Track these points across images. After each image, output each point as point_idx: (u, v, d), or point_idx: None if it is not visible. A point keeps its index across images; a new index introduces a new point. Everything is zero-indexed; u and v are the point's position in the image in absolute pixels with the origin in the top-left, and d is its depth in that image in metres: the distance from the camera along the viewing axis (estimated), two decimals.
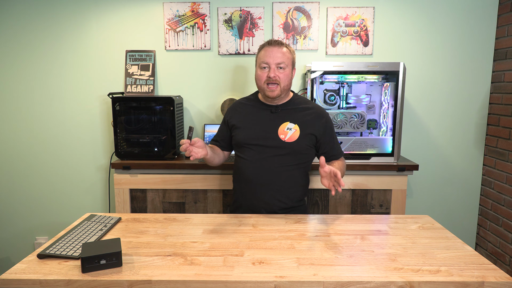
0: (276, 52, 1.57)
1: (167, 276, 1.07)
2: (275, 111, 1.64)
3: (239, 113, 1.71)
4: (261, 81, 1.60)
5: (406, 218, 1.54)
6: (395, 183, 2.16)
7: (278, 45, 1.59)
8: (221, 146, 1.78)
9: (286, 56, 1.59)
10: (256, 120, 1.65)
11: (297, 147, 1.59)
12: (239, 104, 1.76)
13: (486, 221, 2.49)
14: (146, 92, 2.42)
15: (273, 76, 1.56)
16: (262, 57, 1.59)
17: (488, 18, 2.36)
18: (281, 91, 1.59)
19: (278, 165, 1.60)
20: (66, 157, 2.55)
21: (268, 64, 1.57)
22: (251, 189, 1.63)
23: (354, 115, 2.17)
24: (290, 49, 1.63)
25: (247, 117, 1.68)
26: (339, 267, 1.12)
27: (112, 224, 1.44)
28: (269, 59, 1.57)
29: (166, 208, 2.23)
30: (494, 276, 1.07)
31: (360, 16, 2.37)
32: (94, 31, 2.42)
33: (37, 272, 1.09)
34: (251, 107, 1.70)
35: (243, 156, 1.65)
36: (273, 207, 1.60)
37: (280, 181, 1.60)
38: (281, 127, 1.61)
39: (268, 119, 1.64)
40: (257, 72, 1.62)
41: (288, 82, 1.61)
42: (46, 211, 2.61)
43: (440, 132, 2.49)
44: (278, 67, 1.57)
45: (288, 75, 1.60)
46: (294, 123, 1.61)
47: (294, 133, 1.59)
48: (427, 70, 2.43)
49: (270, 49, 1.58)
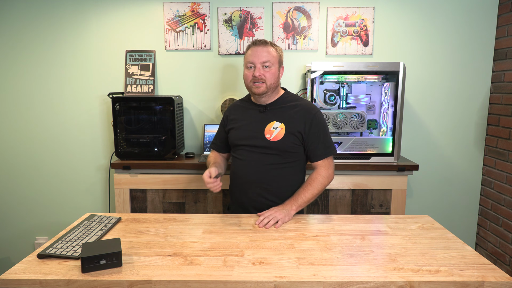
0: (261, 51, 1.60)
1: (167, 276, 1.06)
2: (263, 110, 1.67)
3: (234, 114, 1.76)
4: (248, 80, 1.63)
5: (406, 218, 1.54)
6: (395, 183, 2.16)
7: (263, 44, 1.61)
8: (220, 148, 1.83)
9: (271, 54, 1.61)
10: (246, 121, 1.69)
11: (282, 146, 1.60)
12: (234, 106, 1.81)
13: (486, 221, 2.49)
14: (146, 92, 2.42)
15: (258, 75, 1.59)
16: (248, 57, 1.63)
17: (488, 18, 2.36)
18: (267, 89, 1.61)
19: (266, 164, 1.62)
20: (66, 157, 2.55)
21: (254, 63, 1.60)
22: (241, 188, 1.68)
23: (354, 115, 2.17)
24: (276, 48, 1.65)
25: (240, 118, 1.73)
26: (339, 267, 1.12)
27: (112, 224, 1.44)
28: (254, 59, 1.60)
29: (166, 208, 2.23)
30: (494, 276, 1.07)
31: (360, 16, 2.37)
32: (94, 31, 2.42)
33: (37, 272, 1.09)
34: (244, 108, 1.75)
35: (236, 156, 1.70)
36: (262, 205, 1.61)
37: (268, 180, 1.62)
38: (268, 127, 1.63)
39: (257, 119, 1.67)
40: (244, 72, 1.66)
41: (275, 80, 1.63)
42: (46, 211, 2.61)
43: (440, 132, 2.49)
44: (263, 66, 1.60)
45: (275, 73, 1.62)
46: (280, 121, 1.63)
47: (280, 132, 1.61)
48: (427, 70, 2.43)
49: (255, 48, 1.61)
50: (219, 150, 1.84)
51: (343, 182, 2.17)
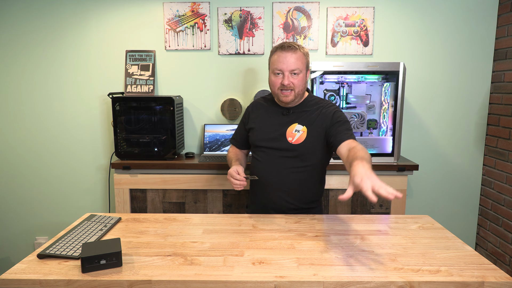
0: (289, 58, 1.51)
1: (167, 276, 1.06)
2: (286, 113, 1.63)
3: (256, 113, 1.71)
4: (275, 87, 1.56)
5: (406, 218, 1.54)
6: (395, 183, 2.16)
7: (291, 50, 1.52)
8: (240, 145, 1.80)
9: (300, 61, 1.53)
10: (268, 122, 1.65)
11: (304, 149, 1.57)
12: (257, 104, 1.75)
13: (486, 221, 2.49)
14: (146, 92, 2.42)
15: (287, 83, 1.52)
16: (275, 63, 1.54)
17: (488, 18, 2.36)
18: (295, 96, 1.56)
19: (287, 167, 1.59)
20: (66, 157, 2.55)
21: (282, 70, 1.53)
22: (261, 189, 1.65)
23: (354, 115, 2.17)
24: (304, 52, 1.56)
25: (261, 118, 1.68)
26: (339, 267, 1.12)
27: (112, 224, 1.44)
28: (283, 66, 1.52)
29: (166, 208, 2.23)
30: (494, 276, 1.07)
31: (360, 16, 2.37)
32: (94, 31, 2.42)
33: (37, 272, 1.09)
34: (266, 108, 1.70)
35: (256, 157, 1.67)
36: (282, 208, 1.61)
37: (288, 183, 1.60)
38: (289, 129, 1.59)
39: (279, 121, 1.63)
40: (271, 78, 1.58)
41: (303, 86, 1.57)
42: (46, 211, 2.61)
43: (440, 132, 2.49)
44: (292, 73, 1.53)
45: (303, 79, 1.55)
46: (302, 124, 1.59)
47: (302, 135, 1.57)
48: (427, 70, 2.43)
49: (284, 54, 1.52)
50: (239, 146, 1.80)
51: (343, 182, 2.17)
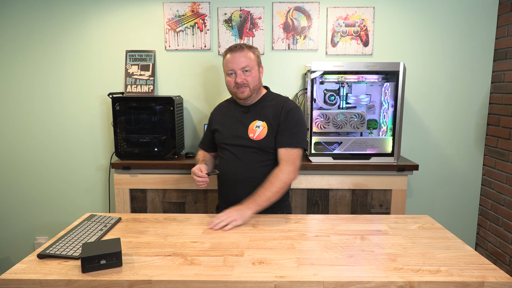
0: (238, 57, 1.62)
1: (167, 276, 1.07)
2: (246, 111, 1.71)
3: (219, 115, 1.81)
4: (231, 87, 1.67)
5: (406, 218, 1.54)
6: (395, 183, 2.16)
7: (239, 50, 1.63)
8: (208, 148, 1.88)
9: (249, 59, 1.64)
10: (231, 121, 1.73)
11: (265, 144, 1.63)
12: (219, 106, 1.86)
13: (486, 221, 2.49)
14: (146, 92, 2.42)
15: (240, 81, 1.63)
16: (227, 64, 1.65)
17: (488, 18, 2.36)
18: (251, 91, 1.65)
19: (251, 162, 1.65)
20: (66, 157, 2.54)
21: (234, 70, 1.63)
22: (229, 188, 1.70)
23: (354, 115, 2.17)
24: (253, 50, 1.67)
25: (224, 119, 1.77)
26: (339, 267, 1.12)
27: (112, 224, 1.44)
28: (233, 65, 1.63)
29: (166, 208, 2.23)
30: (494, 276, 1.07)
31: (360, 16, 2.37)
32: (94, 31, 2.42)
33: (37, 272, 1.09)
34: (228, 108, 1.79)
35: (222, 156, 1.74)
36: None
37: (255, 178, 1.63)
38: (251, 126, 1.67)
39: (241, 119, 1.70)
40: (226, 79, 1.68)
41: (257, 82, 1.67)
42: (46, 211, 2.61)
43: (440, 132, 2.49)
44: (243, 71, 1.63)
45: (255, 75, 1.65)
46: (262, 120, 1.66)
47: (262, 131, 1.65)
48: (427, 70, 2.43)
49: (233, 55, 1.63)
50: (207, 149, 1.88)
51: (343, 182, 2.17)
